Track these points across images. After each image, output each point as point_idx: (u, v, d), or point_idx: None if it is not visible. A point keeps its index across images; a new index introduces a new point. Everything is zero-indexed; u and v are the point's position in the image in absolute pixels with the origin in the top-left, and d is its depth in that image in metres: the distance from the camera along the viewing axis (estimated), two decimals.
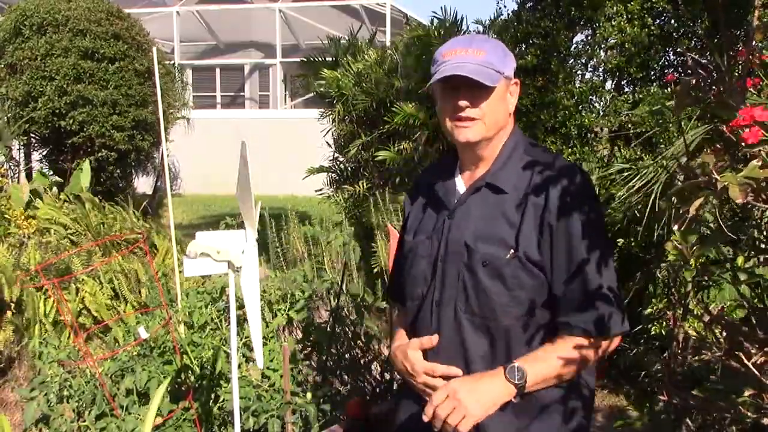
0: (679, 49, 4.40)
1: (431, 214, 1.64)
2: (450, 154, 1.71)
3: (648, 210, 3.61)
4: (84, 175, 7.56)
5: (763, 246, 1.38)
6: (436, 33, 5.16)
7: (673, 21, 4.38)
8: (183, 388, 2.89)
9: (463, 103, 1.52)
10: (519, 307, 1.49)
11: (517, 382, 1.43)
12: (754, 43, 1.25)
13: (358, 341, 3.18)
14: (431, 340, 1.56)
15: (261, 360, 2.00)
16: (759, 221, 1.36)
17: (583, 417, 1.56)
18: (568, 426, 1.53)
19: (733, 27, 3.71)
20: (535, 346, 1.51)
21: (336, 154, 5.87)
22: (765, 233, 1.38)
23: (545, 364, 1.46)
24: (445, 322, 1.55)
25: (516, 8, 4.91)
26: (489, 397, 1.43)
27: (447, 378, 1.52)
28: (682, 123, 3.11)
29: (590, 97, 4.59)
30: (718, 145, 1.16)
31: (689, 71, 4.40)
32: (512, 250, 1.48)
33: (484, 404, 1.42)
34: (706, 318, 1.64)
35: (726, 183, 1.05)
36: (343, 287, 3.24)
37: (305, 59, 5.96)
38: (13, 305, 4.46)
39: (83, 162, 7.87)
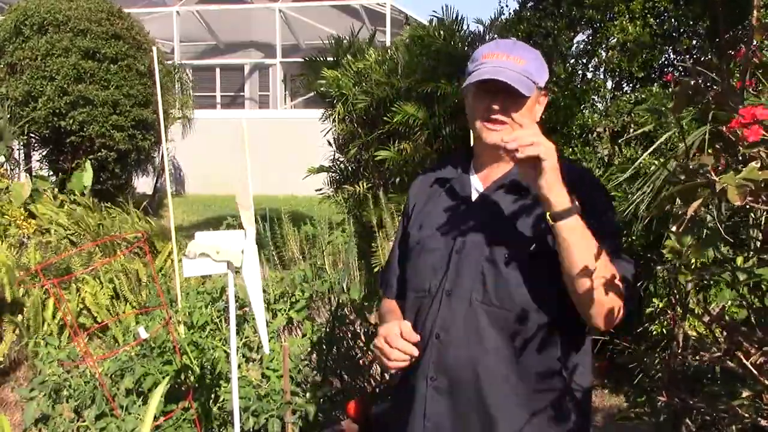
0: (679, 49, 4.40)
1: (442, 207, 1.64)
2: (459, 152, 1.71)
3: (649, 209, 3.61)
4: (87, 175, 7.57)
5: (761, 246, 1.38)
6: (436, 33, 5.16)
7: (674, 21, 4.38)
8: (183, 388, 2.89)
9: (496, 107, 1.53)
10: (538, 300, 1.49)
11: (573, 204, 1.39)
12: (754, 43, 1.25)
13: (358, 341, 3.18)
14: (414, 336, 1.53)
15: (267, 345, 1.99)
16: (757, 221, 1.36)
17: (580, 419, 1.56)
18: (566, 426, 1.54)
19: (733, 27, 3.71)
20: (550, 344, 1.50)
21: (336, 154, 5.87)
22: (763, 233, 1.38)
23: (590, 237, 1.40)
24: (457, 312, 1.54)
25: (517, 8, 4.91)
26: (558, 179, 1.38)
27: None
28: (684, 123, 3.11)
29: (591, 96, 4.59)
30: (717, 146, 1.16)
31: (689, 71, 4.40)
32: (535, 245, 1.48)
33: (555, 172, 1.37)
34: (706, 318, 1.64)
35: (724, 184, 1.04)
36: (344, 287, 3.24)
37: (306, 59, 5.96)
38: (13, 305, 4.46)
39: (84, 161, 7.87)
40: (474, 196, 1.61)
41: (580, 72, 4.75)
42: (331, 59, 5.67)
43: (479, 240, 1.54)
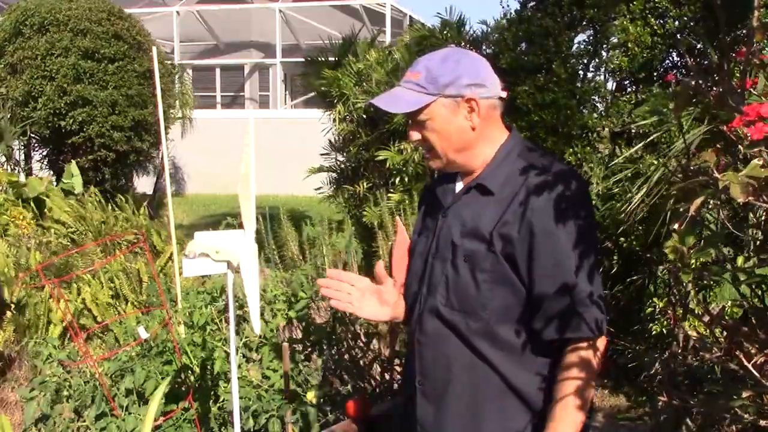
0: (680, 50, 4.40)
1: (432, 214, 1.68)
2: None
3: (649, 209, 3.61)
4: (77, 179, 7.54)
5: (762, 245, 1.38)
6: (440, 34, 5.16)
7: (675, 21, 4.38)
8: (183, 388, 2.89)
9: (411, 138, 1.59)
10: (495, 302, 1.49)
11: None
12: (754, 43, 1.25)
13: (359, 341, 3.18)
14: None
15: (258, 325, 1.98)
16: (759, 221, 1.36)
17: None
18: None
19: (734, 27, 3.71)
20: (510, 346, 1.50)
21: (336, 154, 5.87)
22: (764, 233, 1.37)
23: (572, 417, 1.43)
24: (429, 315, 1.58)
25: (518, 8, 4.91)
26: None
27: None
28: (684, 123, 3.11)
29: (592, 97, 4.59)
30: (718, 145, 1.16)
31: (690, 72, 4.40)
32: (489, 245, 1.49)
33: None
34: (706, 318, 1.64)
35: (727, 182, 1.04)
36: None
37: (307, 59, 5.97)
38: (13, 305, 4.46)
39: (70, 164, 7.82)
40: (450, 201, 1.64)
41: (581, 72, 4.74)
42: (333, 59, 5.67)
43: (447, 243, 1.57)
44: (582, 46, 4.70)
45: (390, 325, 2.94)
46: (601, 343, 1.48)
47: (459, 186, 1.64)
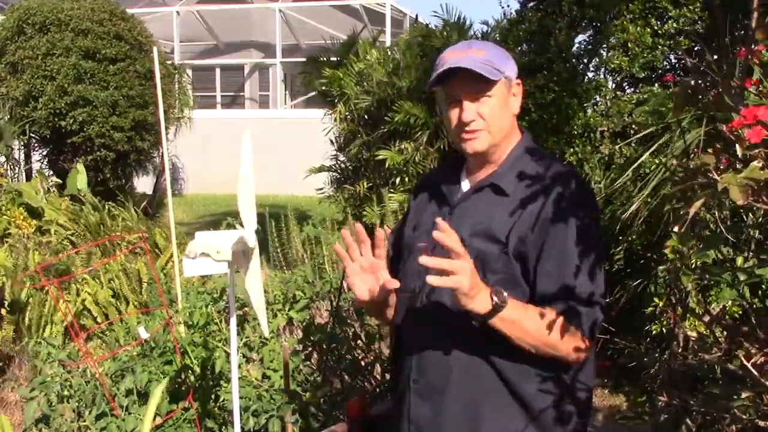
0: (679, 50, 4.40)
1: (433, 210, 1.66)
2: (456, 156, 1.72)
3: (650, 209, 3.61)
4: (80, 177, 7.55)
5: (762, 245, 1.38)
6: (439, 34, 5.16)
7: (673, 21, 4.38)
8: (183, 388, 2.89)
9: (466, 116, 1.52)
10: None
11: (496, 301, 1.39)
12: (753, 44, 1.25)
13: (359, 341, 3.18)
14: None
15: (266, 327, 1.98)
16: (759, 222, 1.36)
17: (579, 420, 1.56)
18: (565, 429, 1.53)
19: (733, 27, 3.71)
20: (512, 348, 1.48)
21: (337, 154, 5.88)
22: (763, 233, 1.37)
23: (527, 316, 1.42)
24: (433, 313, 1.56)
25: (519, 8, 4.92)
26: (477, 293, 1.38)
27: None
28: (685, 123, 3.11)
29: (594, 96, 4.59)
30: (717, 146, 1.16)
31: (688, 72, 4.40)
32: (503, 246, 1.49)
33: (472, 292, 1.37)
34: (707, 318, 1.64)
35: (726, 184, 1.04)
36: (344, 287, 3.24)
37: (309, 58, 5.98)
38: (13, 305, 4.46)
39: (78, 163, 7.84)
40: (457, 199, 1.62)
41: (581, 72, 4.74)
42: (335, 59, 5.68)
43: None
44: (582, 46, 4.70)
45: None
46: (586, 344, 1.49)
47: (465, 184, 1.63)
